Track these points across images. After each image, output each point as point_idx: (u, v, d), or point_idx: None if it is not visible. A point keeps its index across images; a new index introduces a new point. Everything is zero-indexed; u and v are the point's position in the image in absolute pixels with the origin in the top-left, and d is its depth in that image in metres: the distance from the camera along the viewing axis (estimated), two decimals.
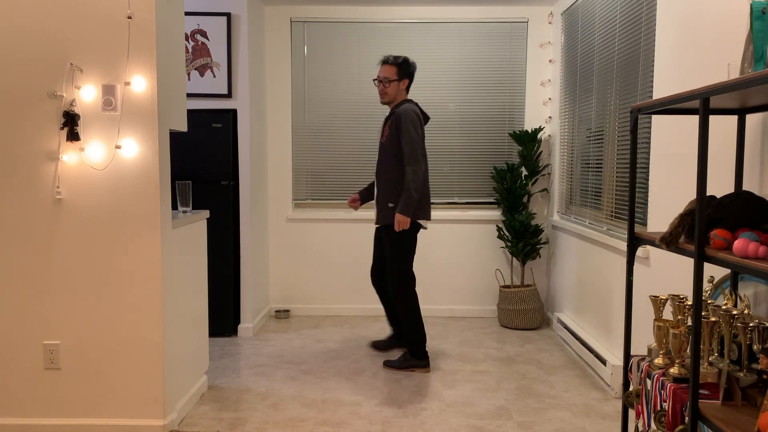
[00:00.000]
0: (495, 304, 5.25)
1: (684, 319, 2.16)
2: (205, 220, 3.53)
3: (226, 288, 4.58)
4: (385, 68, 3.90)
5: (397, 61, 3.89)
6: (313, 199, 5.28)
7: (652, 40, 3.16)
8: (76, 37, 2.81)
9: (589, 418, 3.17)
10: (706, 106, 1.82)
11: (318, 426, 3.07)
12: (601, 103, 3.97)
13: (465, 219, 5.19)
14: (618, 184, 3.66)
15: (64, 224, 2.87)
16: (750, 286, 2.20)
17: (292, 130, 5.22)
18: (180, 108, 3.18)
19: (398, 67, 3.88)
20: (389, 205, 3.84)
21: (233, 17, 4.52)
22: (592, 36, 4.13)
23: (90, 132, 2.84)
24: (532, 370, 3.91)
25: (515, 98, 5.19)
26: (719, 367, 1.94)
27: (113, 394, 2.92)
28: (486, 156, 5.22)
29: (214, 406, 3.32)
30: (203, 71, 4.54)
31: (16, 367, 2.93)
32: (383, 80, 3.89)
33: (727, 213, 1.88)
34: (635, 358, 2.35)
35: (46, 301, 2.90)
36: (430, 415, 3.20)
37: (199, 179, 4.53)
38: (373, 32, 5.16)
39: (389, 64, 3.90)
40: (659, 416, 2.05)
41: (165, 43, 2.93)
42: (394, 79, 3.88)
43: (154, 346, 2.90)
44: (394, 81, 3.89)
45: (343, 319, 5.15)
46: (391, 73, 3.88)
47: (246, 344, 4.44)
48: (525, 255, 4.93)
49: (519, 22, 5.13)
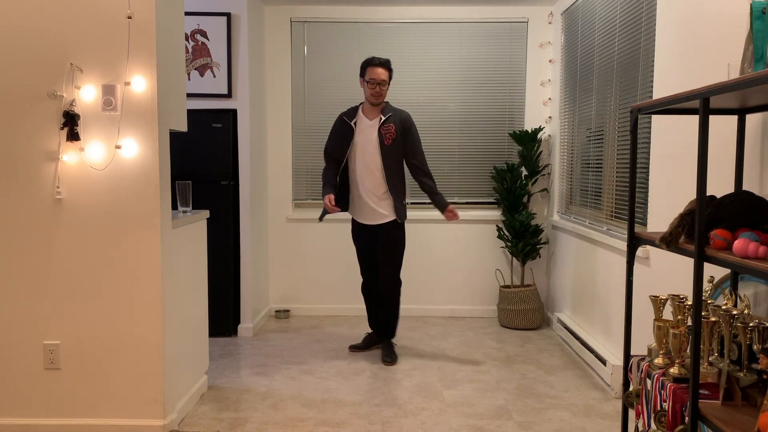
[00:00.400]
0: (495, 304, 5.25)
1: (684, 319, 2.16)
2: (205, 220, 3.53)
3: (226, 288, 4.58)
4: (383, 71, 3.99)
5: (390, 66, 4.05)
6: (313, 199, 5.28)
7: (652, 40, 3.16)
8: (76, 37, 2.81)
9: (589, 418, 3.17)
10: (706, 106, 1.82)
11: (318, 426, 3.07)
12: (601, 103, 3.97)
13: (465, 219, 5.19)
14: (618, 184, 3.66)
15: (64, 224, 2.87)
16: (750, 286, 2.20)
17: (292, 130, 5.22)
18: (180, 108, 3.18)
19: (390, 71, 4.04)
20: (389, 205, 4.00)
21: (233, 17, 4.52)
22: (592, 36, 4.13)
23: (90, 132, 2.84)
24: (532, 370, 3.91)
25: (515, 98, 5.19)
26: (719, 367, 1.94)
27: (113, 394, 2.92)
28: (486, 156, 5.22)
29: (214, 406, 3.32)
30: (203, 71, 4.54)
31: (16, 367, 2.93)
32: (381, 83, 3.97)
33: (727, 213, 1.88)
34: (635, 358, 2.35)
35: (46, 301, 2.90)
36: (430, 415, 3.20)
37: (199, 179, 4.53)
38: (373, 32, 5.16)
39: (385, 67, 4.01)
40: (659, 416, 2.05)
41: (165, 43, 2.93)
42: (388, 81, 4.03)
43: (154, 346, 2.90)
44: (388, 84, 4.03)
45: (343, 319, 5.15)
46: (387, 76, 4.01)
47: (246, 344, 4.44)
48: (525, 255, 4.93)
49: (519, 22, 5.13)
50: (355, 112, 4.09)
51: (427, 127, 5.20)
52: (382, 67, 3.99)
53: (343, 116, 4.09)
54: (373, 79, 3.96)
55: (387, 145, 3.96)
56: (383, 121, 3.98)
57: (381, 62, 3.99)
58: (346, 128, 4.05)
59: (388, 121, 3.98)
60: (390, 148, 3.96)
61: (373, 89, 3.96)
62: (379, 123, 3.99)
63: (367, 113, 4.05)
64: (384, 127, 3.96)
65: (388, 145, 3.95)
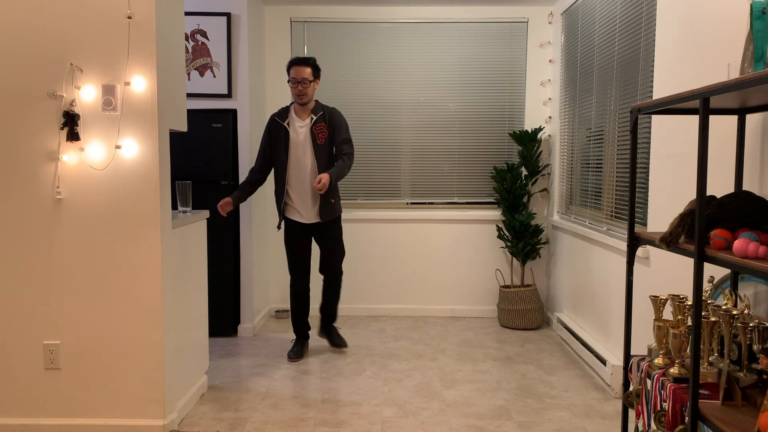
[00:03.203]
0: (495, 304, 5.25)
1: (684, 319, 2.16)
2: (205, 220, 3.53)
3: (226, 288, 4.58)
4: (304, 69, 3.91)
5: (313, 62, 3.96)
6: None
7: (652, 40, 3.16)
8: (76, 37, 2.81)
9: (589, 418, 3.17)
10: (706, 106, 1.82)
11: (318, 426, 3.07)
12: (601, 103, 3.97)
13: (465, 219, 5.19)
14: (618, 184, 3.66)
15: (64, 224, 2.87)
16: (750, 286, 2.20)
17: None
18: (180, 108, 3.18)
19: (313, 67, 3.96)
20: (332, 201, 4.03)
21: (233, 17, 4.52)
22: (592, 36, 4.13)
23: (90, 132, 2.84)
24: (532, 370, 3.91)
25: (515, 98, 5.19)
26: (719, 367, 1.94)
27: (113, 394, 2.92)
28: (486, 156, 5.22)
29: (214, 406, 3.32)
30: (203, 71, 4.54)
31: (16, 367, 2.93)
32: (303, 81, 3.90)
33: (727, 213, 1.88)
34: (635, 358, 2.35)
35: (46, 300, 2.90)
36: (430, 415, 3.20)
37: (199, 179, 4.53)
38: (373, 32, 5.16)
39: (307, 65, 3.92)
40: (659, 416, 2.05)
41: (165, 43, 2.93)
42: (311, 80, 3.95)
43: (154, 346, 2.90)
44: (312, 82, 3.95)
45: (342, 319, 5.15)
46: (308, 74, 3.93)
47: (246, 344, 4.44)
48: (525, 255, 4.93)
49: (519, 22, 5.13)
50: (287, 112, 4.03)
51: (427, 127, 5.20)
52: (304, 64, 3.91)
53: (275, 117, 4.03)
54: (294, 78, 3.91)
55: (320, 144, 3.94)
56: (314, 120, 3.95)
57: (302, 60, 3.93)
58: (280, 129, 3.99)
59: (319, 121, 3.96)
60: (322, 147, 3.95)
61: (295, 88, 3.92)
62: (311, 123, 3.96)
63: (298, 114, 4.01)
64: (316, 127, 3.95)
65: (320, 144, 3.94)
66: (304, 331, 4.24)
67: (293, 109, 4.04)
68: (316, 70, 3.99)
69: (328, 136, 3.98)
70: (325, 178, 3.77)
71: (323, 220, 4.03)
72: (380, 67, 5.16)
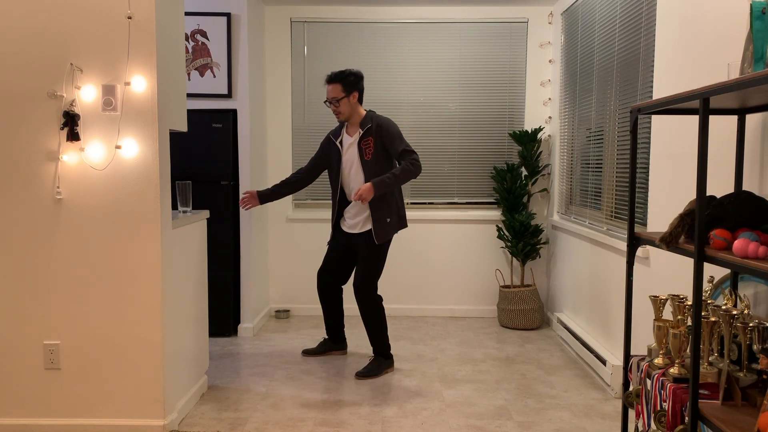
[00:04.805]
0: (495, 304, 5.25)
1: (684, 319, 2.16)
2: (205, 220, 3.53)
3: (226, 288, 4.58)
4: (330, 88, 3.77)
5: (341, 77, 3.77)
6: (313, 199, 5.28)
7: (652, 40, 3.16)
8: (76, 37, 2.81)
9: (589, 418, 3.17)
10: (706, 106, 1.82)
11: (318, 426, 3.07)
12: (601, 103, 3.97)
13: (465, 219, 5.19)
14: (618, 184, 3.66)
15: (64, 224, 2.87)
16: (750, 286, 2.20)
17: (292, 130, 5.22)
18: (180, 108, 3.18)
19: (343, 82, 3.76)
20: (387, 221, 3.77)
21: (233, 17, 4.52)
22: (592, 36, 4.13)
23: (90, 132, 2.84)
24: (532, 370, 3.91)
25: (515, 98, 5.19)
26: (719, 367, 1.94)
27: (113, 394, 2.92)
28: (486, 156, 5.22)
29: (214, 406, 3.32)
30: (203, 71, 4.54)
31: (16, 367, 2.93)
32: (332, 101, 3.77)
33: (727, 213, 1.88)
34: (635, 358, 2.35)
35: (46, 301, 2.90)
36: (430, 415, 3.20)
37: (199, 179, 4.53)
38: (374, 32, 5.16)
39: (335, 82, 3.76)
40: (659, 416, 2.05)
41: (165, 43, 2.93)
42: (342, 96, 3.76)
43: (154, 346, 2.90)
44: (343, 98, 3.76)
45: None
46: (338, 91, 3.76)
47: (246, 344, 4.44)
48: (525, 255, 4.93)
49: (519, 22, 5.13)
50: (341, 128, 3.92)
51: (427, 127, 5.20)
52: (331, 82, 3.77)
53: (330, 134, 3.96)
54: (327, 98, 3.81)
55: (367, 160, 3.76)
56: (361, 135, 3.78)
57: (329, 78, 3.79)
58: (332, 147, 3.91)
59: (366, 135, 3.78)
60: (370, 163, 3.75)
61: (330, 107, 3.83)
62: (359, 138, 3.79)
63: (348, 130, 3.89)
64: (363, 142, 3.77)
65: (368, 160, 3.76)
66: (329, 334, 4.19)
67: (346, 125, 3.91)
68: (348, 84, 3.76)
69: (375, 151, 3.74)
70: (363, 187, 3.59)
71: (380, 241, 3.76)
72: (380, 67, 5.16)
